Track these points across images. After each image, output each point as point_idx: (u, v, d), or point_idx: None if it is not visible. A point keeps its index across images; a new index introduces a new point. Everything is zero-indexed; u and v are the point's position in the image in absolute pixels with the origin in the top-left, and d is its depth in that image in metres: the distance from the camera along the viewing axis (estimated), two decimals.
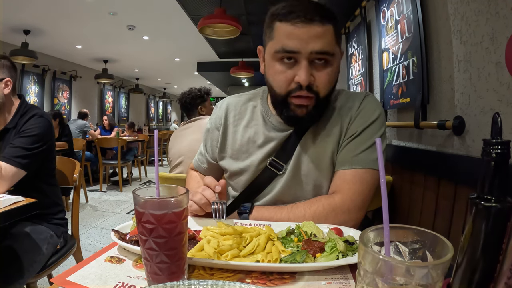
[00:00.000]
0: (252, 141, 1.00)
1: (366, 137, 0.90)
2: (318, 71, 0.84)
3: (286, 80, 0.85)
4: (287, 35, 0.82)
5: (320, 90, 0.85)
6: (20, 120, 1.46)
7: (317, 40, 0.81)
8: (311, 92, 0.84)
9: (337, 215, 0.84)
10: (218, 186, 0.82)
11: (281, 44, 0.83)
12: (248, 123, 1.03)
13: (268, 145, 0.98)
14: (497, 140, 0.38)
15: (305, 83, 0.82)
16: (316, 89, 0.85)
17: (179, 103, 2.60)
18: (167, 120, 15.35)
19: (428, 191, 1.52)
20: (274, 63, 0.86)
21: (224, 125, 1.05)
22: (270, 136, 0.98)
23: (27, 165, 1.36)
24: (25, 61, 5.32)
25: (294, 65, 0.84)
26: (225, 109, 1.07)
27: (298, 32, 0.81)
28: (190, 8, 4.14)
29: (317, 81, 0.84)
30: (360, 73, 2.74)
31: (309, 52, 0.81)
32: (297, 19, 0.80)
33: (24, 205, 1.11)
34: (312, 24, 0.80)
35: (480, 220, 0.39)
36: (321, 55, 0.82)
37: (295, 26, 0.81)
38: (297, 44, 0.81)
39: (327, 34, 0.82)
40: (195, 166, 1.18)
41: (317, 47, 0.81)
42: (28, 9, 4.43)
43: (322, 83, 0.85)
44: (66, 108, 7.57)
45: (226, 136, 1.05)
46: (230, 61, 7.07)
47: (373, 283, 0.34)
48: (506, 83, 1.05)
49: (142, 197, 0.52)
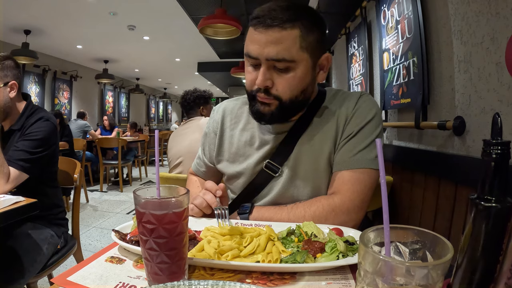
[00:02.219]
0: (249, 144, 1.01)
1: (363, 137, 0.90)
2: (278, 76, 0.85)
3: (251, 80, 0.88)
4: (250, 40, 0.84)
5: (281, 94, 0.86)
6: (26, 122, 1.46)
7: (273, 46, 0.80)
8: (269, 95, 0.86)
9: (336, 215, 0.84)
10: (219, 191, 0.84)
11: (246, 49, 0.86)
12: (244, 126, 1.04)
13: (263, 148, 0.98)
14: (497, 141, 0.38)
15: (260, 86, 0.85)
16: (276, 93, 0.86)
17: (181, 99, 2.61)
18: (167, 120, 15.35)
19: (429, 191, 1.52)
20: (247, 63, 0.90)
21: (221, 129, 1.07)
22: (265, 139, 0.99)
23: (29, 169, 1.36)
24: (25, 61, 5.32)
25: (258, 68, 0.85)
26: (222, 113, 1.08)
27: (257, 38, 0.82)
28: (190, 8, 4.14)
29: (277, 86, 0.85)
30: (361, 74, 2.74)
31: (265, 58, 0.82)
32: (258, 25, 0.81)
33: (25, 205, 1.11)
34: (270, 29, 0.80)
35: (480, 221, 0.39)
36: (278, 62, 0.82)
37: (256, 31, 0.82)
38: (255, 49, 0.82)
39: (286, 40, 0.80)
40: (194, 170, 1.19)
41: (272, 53, 0.81)
42: (29, 9, 4.44)
43: (282, 88, 0.85)
44: (67, 108, 7.58)
45: (223, 140, 1.06)
46: (230, 62, 7.06)
47: (373, 283, 0.34)
48: (506, 83, 1.05)
49: (142, 197, 0.52)
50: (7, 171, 1.28)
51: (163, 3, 4.22)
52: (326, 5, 2.88)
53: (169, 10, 4.41)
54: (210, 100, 2.60)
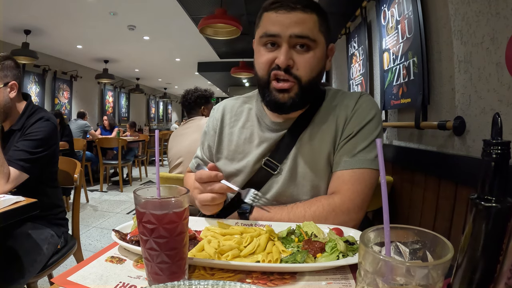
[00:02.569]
0: (248, 142, 1.02)
1: (363, 137, 0.90)
2: (298, 55, 0.87)
3: (267, 61, 0.89)
4: (270, 22, 0.87)
5: (301, 74, 0.88)
6: (26, 122, 1.46)
7: (297, 25, 0.85)
8: (290, 76, 0.87)
9: (337, 215, 0.84)
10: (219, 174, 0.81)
11: (265, 30, 0.88)
12: (244, 124, 1.04)
13: (262, 145, 0.98)
14: (497, 141, 0.38)
15: (283, 65, 0.86)
16: (296, 73, 0.87)
17: (182, 99, 2.59)
18: (167, 120, 15.35)
19: (429, 191, 1.52)
20: (260, 48, 0.91)
21: (221, 126, 1.07)
22: (264, 136, 0.99)
23: (29, 169, 1.37)
24: (25, 61, 5.32)
25: (276, 49, 0.88)
26: (222, 111, 1.09)
27: (280, 18, 0.86)
28: (190, 8, 4.14)
29: (297, 65, 0.87)
30: (361, 74, 2.74)
31: (289, 36, 0.85)
32: (280, 7, 0.86)
33: (25, 205, 1.12)
34: (294, 11, 0.85)
35: (480, 221, 0.39)
36: (301, 39, 0.85)
37: (277, 14, 0.86)
38: (278, 28, 0.85)
39: (308, 21, 0.86)
40: (191, 169, 1.18)
41: (297, 30, 0.84)
42: (29, 9, 4.44)
43: (302, 67, 0.87)
44: (67, 108, 7.58)
45: (222, 138, 1.06)
46: (230, 61, 7.06)
47: (373, 283, 0.34)
48: (506, 83, 1.05)
49: (143, 197, 0.52)
50: (7, 171, 1.29)
51: (163, 3, 4.22)
52: (326, 5, 2.88)
53: (169, 10, 4.41)
54: (211, 100, 2.58)
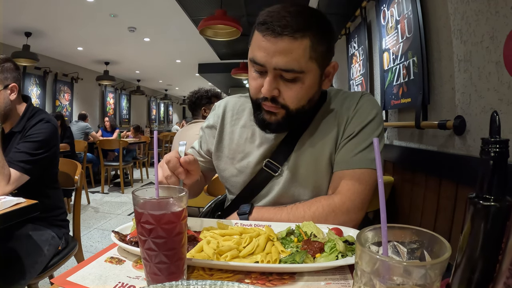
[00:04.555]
0: (249, 142, 1.00)
1: (364, 137, 0.90)
2: (285, 86, 0.82)
3: (256, 87, 0.85)
4: (257, 46, 0.81)
5: (288, 104, 0.84)
6: (26, 124, 1.47)
7: (282, 56, 0.77)
8: (277, 104, 0.84)
9: (336, 215, 0.84)
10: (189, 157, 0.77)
11: (252, 54, 0.82)
12: (245, 123, 1.03)
13: (263, 146, 0.97)
14: (495, 139, 0.38)
15: (267, 96, 0.82)
16: (283, 102, 0.83)
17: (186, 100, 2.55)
18: (168, 122, 15.36)
19: (429, 191, 1.52)
20: (251, 68, 0.87)
21: (222, 123, 1.05)
22: (266, 137, 0.98)
23: (30, 170, 1.37)
24: (26, 63, 5.34)
25: (264, 75, 0.83)
26: (223, 108, 1.07)
27: (265, 45, 0.78)
28: (190, 9, 4.14)
29: (284, 96, 0.83)
30: (361, 74, 2.74)
31: (273, 67, 0.79)
32: (266, 31, 0.77)
33: (25, 206, 1.12)
34: (280, 38, 0.76)
35: (479, 220, 0.39)
36: (287, 72, 0.79)
37: (264, 38, 0.78)
38: (263, 57, 0.79)
39: (297, 50, 0.77)
40: None
41: (281, 63, 0.78)
42: (29, 11, 4.45)
43: (289, 98, 0.83)
44: (68, 110, 7.59)
45: (222, 136, 1.05)
46: (231, 63, 7.06)
47: (370, 283, 0.34)
48: (506, 82, 1.05)
49: (141, 197, 0.52)
50: (8, 173, 1.29)
51: (163, 4, 4.23)
52: (326, 6, 2.88)
53: (169, 11, 4.42)
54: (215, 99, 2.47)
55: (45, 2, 4.16)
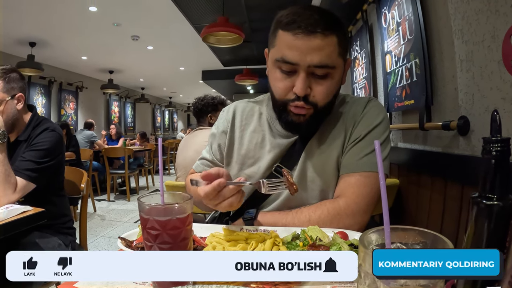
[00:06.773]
0: (259, 147, 1.00)
1: (370, 141, 0.90)
2: (316, 83, 0.83)
3: (284, 88, 0.85)
4: (287, 45, 0.81)
5: (318, 101, 0.85)
6: (32, 132, 1.48)
7: (316, 53, 0.79)
8: (308, 103, 0.84)
9: (341, 219, 0.84)
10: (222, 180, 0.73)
11: (281, 54, 0.82)
12: (255, 129, 1.02)
13: (273, 151, 0.97)
14: (496, 138, 0.38)
15: (301, 95, 0.82)
16: (313, 100, 0.84)
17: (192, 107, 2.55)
18: (173, 129, 15.43)
19: (435, 193, 1.51)
20: (275, 70, 0.86)
21: (231, 129, 1.05)
22: (276, 142, 0.98)
23: (36, 179, 1.38)
24: (31, 73, 5.40)
25: (293, 74, 0.83)
26: (232, 113, 1.06)
27: (298, 44, 0.79)
28: (193, 17, 4.19)
29: (315, 93, 0.84)
30: (364, 77, 2.74)
31: (307, 65, 0.80)
32: (298, 30, 0.79)
33: (32, 214, 1.13)
34: (313, 36, 0.78)
35: (483, 219, 0.39)
36: (320, 68, 0.81)
37: (295, 37, 0.79)
38: (296, 56, 0.80)
39: (328, 46, 0.80)
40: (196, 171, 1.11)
41: (316, 60, 0.79)
42: (33, 21, 4.52)
43: (320, 95, 0.84)
44: (73, 119, 7.66)
45: (233, 141, 1.04)
46: (234, 69, 7.10)
47: (373, 285, 0.34)
48: (509, 81, 1.04)
49: (147, 204, 0.53)
50: (14, 181, 1.30)
51: (166, 12, 4.27)
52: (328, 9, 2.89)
53: (172, 19, 4.47)
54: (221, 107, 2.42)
55: (49, 12, 4.22)
